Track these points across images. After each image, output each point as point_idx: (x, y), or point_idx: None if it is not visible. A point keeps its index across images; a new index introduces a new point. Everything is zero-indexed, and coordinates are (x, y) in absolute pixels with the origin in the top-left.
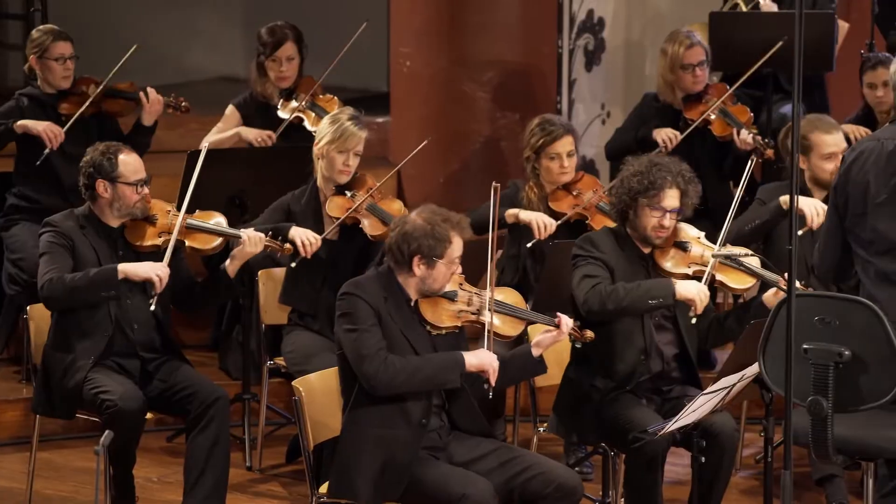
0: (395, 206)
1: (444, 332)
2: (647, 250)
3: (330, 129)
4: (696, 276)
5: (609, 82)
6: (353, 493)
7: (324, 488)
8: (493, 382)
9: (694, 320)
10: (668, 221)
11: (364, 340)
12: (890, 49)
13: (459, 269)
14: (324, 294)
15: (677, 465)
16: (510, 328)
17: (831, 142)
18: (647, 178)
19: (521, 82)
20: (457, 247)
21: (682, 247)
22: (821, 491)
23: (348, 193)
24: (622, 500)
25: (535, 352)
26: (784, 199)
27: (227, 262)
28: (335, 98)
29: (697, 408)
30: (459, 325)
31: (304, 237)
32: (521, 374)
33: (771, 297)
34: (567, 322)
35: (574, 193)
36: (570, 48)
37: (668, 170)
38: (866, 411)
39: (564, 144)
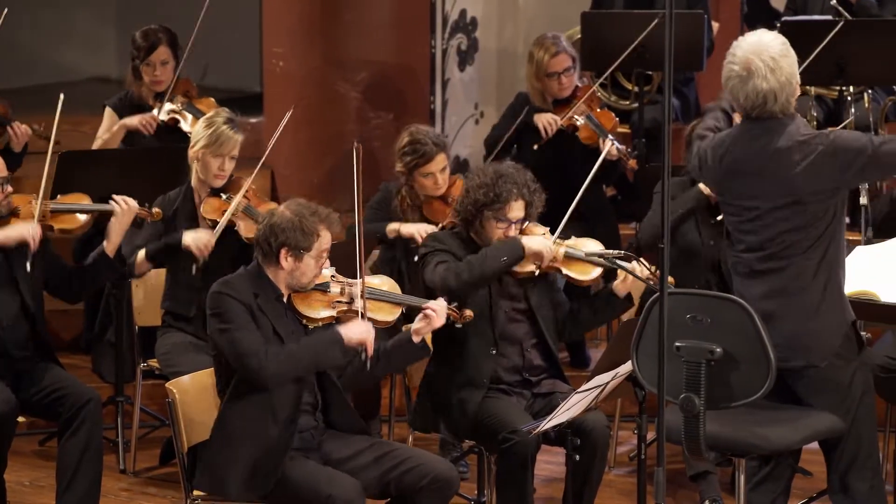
0: (270, 208)
1: (320, 323)
2: None
3: (205, 132)
4: (544, 271)
5: (482, 82)
6: (224, 489)
7: (198, 490)
8: (370, 352)
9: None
10: (513, 231)
11: (240, 339)
12: None
13: (328, 264)
14: (200, 297)
15: (552, 462)
16: (386, 314)
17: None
18: (492, 190)
19: (394, 82)
20: (325, 240)
21: None
22: (695, 487)
23: (224, 196)
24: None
25: (416, 339)
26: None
27: (105, 241)
28: (211, 100)
29: (571, 406)
30: (335, 315)
31: (198, 242)
32: (406, 361)
33: (619, 284)
34: (441, 304)
35: (449, 201)
36: (444, 48)
37: (514, 181)
38: (738, 408)
39: (437, 163)
